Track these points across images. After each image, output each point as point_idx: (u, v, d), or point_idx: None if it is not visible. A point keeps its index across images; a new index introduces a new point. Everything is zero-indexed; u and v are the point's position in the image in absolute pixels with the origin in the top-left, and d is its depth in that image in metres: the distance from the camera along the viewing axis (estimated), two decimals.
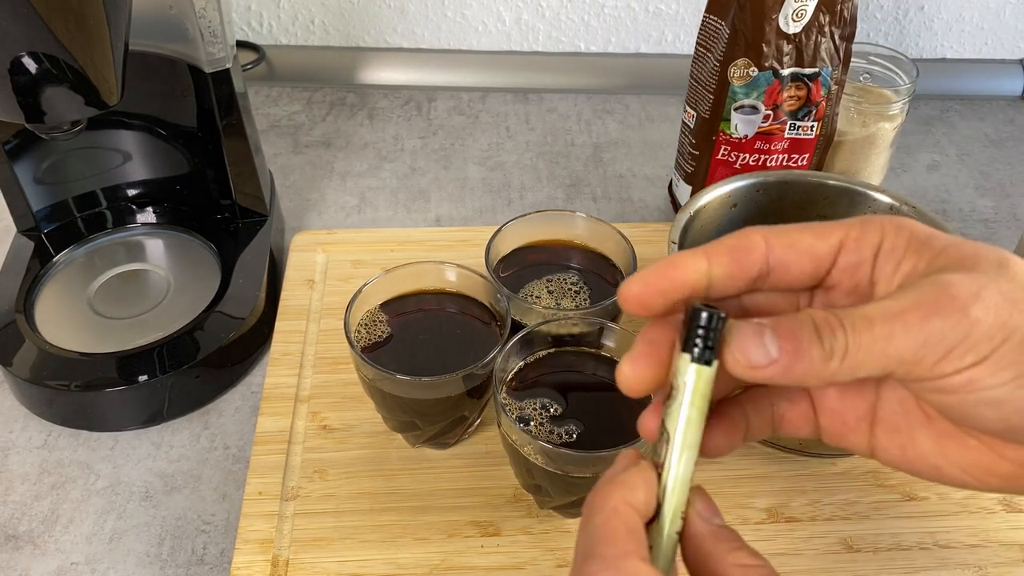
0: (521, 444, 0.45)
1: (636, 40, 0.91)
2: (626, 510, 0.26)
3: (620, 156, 0.82)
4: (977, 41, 0.92)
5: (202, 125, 0.62)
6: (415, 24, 0.90)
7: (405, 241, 0.68)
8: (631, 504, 0.26)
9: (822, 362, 0.25)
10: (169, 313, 0.60)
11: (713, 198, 0.58)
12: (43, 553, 0.50)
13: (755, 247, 0.27)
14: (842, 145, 0.67)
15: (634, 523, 0.26)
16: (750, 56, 0.60)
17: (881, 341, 0.25)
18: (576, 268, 0.57)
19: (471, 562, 0.48)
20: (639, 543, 0.26)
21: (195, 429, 0.57)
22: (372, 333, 0.51)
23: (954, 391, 0.25)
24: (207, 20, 0.55)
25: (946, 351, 0.25)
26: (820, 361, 0.25)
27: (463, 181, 0.78)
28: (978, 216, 0.76)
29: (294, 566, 0.47)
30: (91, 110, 0.49)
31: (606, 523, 0.26)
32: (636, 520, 0.26)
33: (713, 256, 0.27)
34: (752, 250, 0.27)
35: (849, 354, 0.25)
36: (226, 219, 0.66)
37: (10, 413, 0.57)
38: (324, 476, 0.52)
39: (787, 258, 0.27)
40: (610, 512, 0.26)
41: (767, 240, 0.28)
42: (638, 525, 0.26)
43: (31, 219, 0.64)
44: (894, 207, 0.58)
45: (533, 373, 0.49)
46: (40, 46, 0.45)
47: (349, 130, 0.84)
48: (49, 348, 0.56)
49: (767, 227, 0.28)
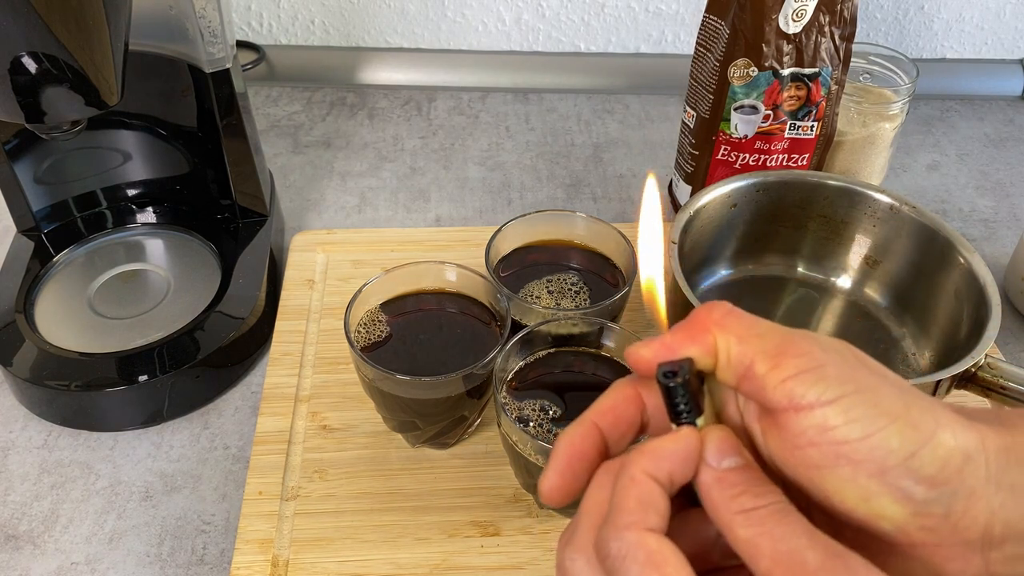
0: (521, 444, 0.45)
1: (636, 40, 0.91)
2: (643, 480, 0.26)
3: (620, 156, 0.82)
4: (977, 41, 0.92)
5: (202, 125, 0.62)
6: (415, 24, 0.90)
7: (405, 241, 0.68)
8: (652, 475, 0.26)
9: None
10: (169, 313, 0.60)
11: (713, 198, 0.58)
12: (43, 553, 0.50)
13: (631, 400, 0.29)
14: (842, 145, 0.67)
15: (648, 494, 0.25)
16: (750, 56, 0.60)
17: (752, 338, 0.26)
18: (576, 268, 0.57)
19: (471, 562, 0.48)
20: (647, 514, 0.25)
21: (195, 429, 0.57)
22: (372, 333, 0.51)
23: (813, 440, 0.25)
24: (207, 20, 0.55)
25: (797, 369, 0.25)
26: None
27: (463, 181, 0.78)
28: (978, 216, 0.76)
29: (294, 566, 0.47)
30: (91, 110, 0.49)
31: (622, 490, 0.26)
32: (652, 491, 0.26)
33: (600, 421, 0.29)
34: (630, 403, 0.29)
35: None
36: (226, 219, 0.66)
37: (10, 413, 0.57)
38: (324, 476, 0.52)
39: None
40: (627, 480, 0.26)
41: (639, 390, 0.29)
42: (653, 496, 0.25)
43: (31, 219, 0.64)
44: (894, 207, 0.58)
45: (533, 373, 0.49)
46: (40, 46, 0.45)
47: (349, 130, 0.84)
48: (49, 348, 0.56)
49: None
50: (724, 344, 0.27)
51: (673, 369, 0.26)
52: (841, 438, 0.25)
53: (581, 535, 0.27)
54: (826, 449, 0.25)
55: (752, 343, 0.26)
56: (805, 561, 0.23)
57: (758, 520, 0.25)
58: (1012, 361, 0.59)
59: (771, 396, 0.26)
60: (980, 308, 0.51)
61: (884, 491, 0.25)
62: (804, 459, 0.26)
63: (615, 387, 0.29)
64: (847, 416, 0.25)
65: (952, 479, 0.25)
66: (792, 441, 0.26)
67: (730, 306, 0.28)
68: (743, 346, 0.26)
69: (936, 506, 0.25)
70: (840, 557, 0.23)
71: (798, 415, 0.25)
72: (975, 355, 0.48)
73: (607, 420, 0.29)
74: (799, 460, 0.26)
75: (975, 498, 0.25)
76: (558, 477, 0.28)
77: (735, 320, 0.27)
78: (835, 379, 0.25)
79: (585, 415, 0.29)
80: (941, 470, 0.25)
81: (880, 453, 0.24)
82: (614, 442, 0.29)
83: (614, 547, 0.25)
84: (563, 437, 0.28)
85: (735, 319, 0.27)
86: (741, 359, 0.26)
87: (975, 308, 0.52)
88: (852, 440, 0.25)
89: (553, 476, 0.28)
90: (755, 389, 0.26)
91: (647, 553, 0.24)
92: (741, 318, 0.27)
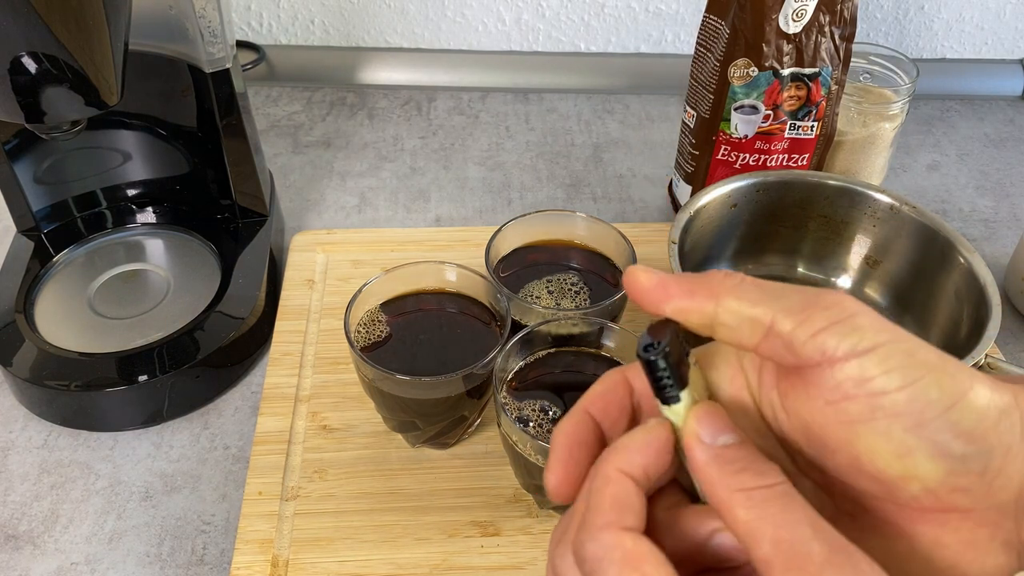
0: (521, 444, 0.45)
1: (636, 40, 0.91)
2: (618, 477, 0.25)
3: (620, 156, 0.82)
4: (977, 41, 0.92)
5: (202, 125, 0.62)
6: (415, 24, 0.90)
7: (405, 241, 0.68)
8: (625, 471, 0.25)
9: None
10: (169, 313, 0.60)
11: (713, 198, 0.58)
12: (43, 553, 0.50)
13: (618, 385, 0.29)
14: (842, 145, 0.67)
15: (623, 492, 0.25)
16: (750, 56, 0.60)
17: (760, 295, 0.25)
18: (576, 268, 0.57)
19: (471, 562, 0.48)
20: (623, 513, 0.24)
21: (195, 429, 0.57)
22: (372, 333, 0.51)
23: (849, 393, 0.24)
24: (207, 20, 0.55)
25: (828, 321, 0.24)
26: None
27: (463, 181, 0.78)
28: (978, 216, 0.76)
29: (294, 566, 0.47)
30: (91, 110, 0.49)
31: (597, 491, 0.25)
32: (627, 490, 0.25)
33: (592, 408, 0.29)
34: (618, 387, 0.29)
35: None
36: (226, 219, 0.66)
37: (10, 413, 0.57)
38: (324, 476, 0.52)
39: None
40: (601, 480, 0.25)
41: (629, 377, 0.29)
42: (628, 493, 0.25)
43: (31, 219, 0.64)
44: (894, 207, 0.58)
45: (533, 373, 0.49)
46: (40, 46, 0.45)
47: (349, 130, 0.84)
48: (49, 348, 0.56)
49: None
50: (737, 307, 0.25)
51: (652, 343, 0.25)
52: (879, 388, 0.24)
53: (571, 533, 0.26)
54: (863, 401, 0.24)
55: (769, 304, 0.25)
56: (810, 552, 0.22)
57: (760, 501, 0.24)
58: (1012, 361, 0.59)
59: (801, 351, 0.24)
60: (980, 308, 0.51)
61: (921, 446, 0.24)
62: (838, 415, 0.24)
63: (604, 376, 0.29)
64: (885, 366, 0.24)
65: (989, 434, 0.24)
66: (825, 397, 0.25)
67: (745, 276, 0.27)
68: (760, 307, 0.25)
69: (974, 462, 0.24)
70: (845, 552, 0.23)
71: (832, 368, 0.24)
72: (975, 355, 0.48)
73: (598, 407, 0.28)
74: (831, 417, 0.25)
75: (1011, 456, 0.24)
76: (561, 468, 0.27)
77: (750, 286, 0.26)
78: (870, 328, 0.24)
79: (576, 405, 0.29)
80: (979, 423, 0.24)
81: (919, 405, 0.23)
82: (607, 428, 0.28)
83: (590, 549, 0.24)
84: (558, 429, 0.28)
85: (750, 285, 0.26)
86: (760, 319, 0.25)
87: (975, 308, 0.52)
88: (890, 390, 0.23)
89: (556, 468, 0.28)
90: (779, 347, 0.25)
91: (623, 553, 0.24)
92: (757, 283, 0.26)
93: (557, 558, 0.26)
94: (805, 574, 0.22)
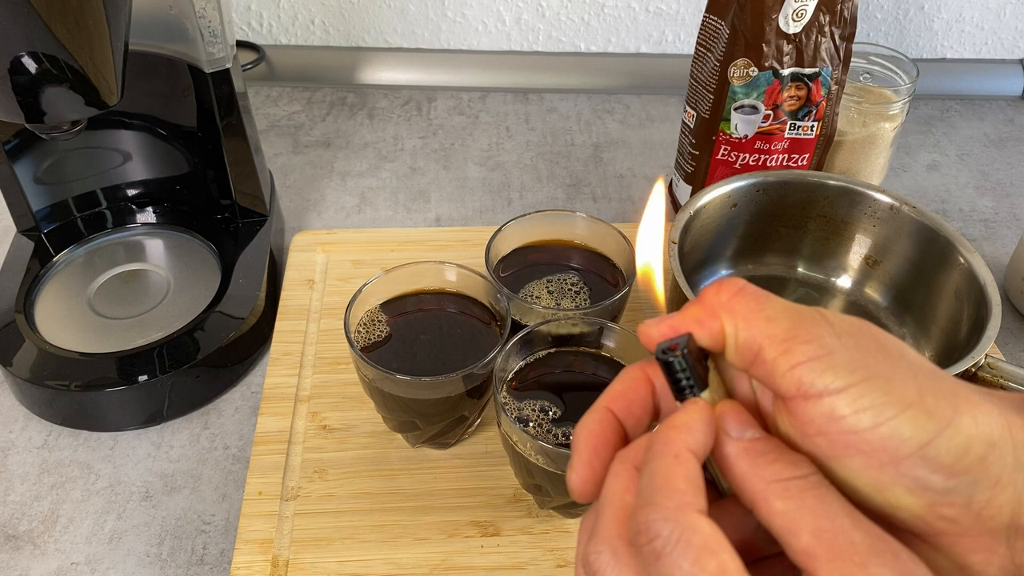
0: (521, 444, 0.45)
1: (636, 40, 0.91)
2: (688, 458, 0.24)
3: (620, 156, 0.82)
4: (977, 41, 0.92)
5: (202, 125, 0.62)
6: (415, 24, 0.90)
7: (405, 241, 0.68)
8: (693, 451, 0.25)
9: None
10: (169, 313, 0.60)
11: (713, 198, 0.58)
12: (43, 553, 0.50)
13: (640, 381, 0.28)
14: (842, 145, 0.67)
15: (695, 473, 0.24)
16: (750, 56, 0.60)
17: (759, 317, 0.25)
18: (576, 268, 0.57)
19: (471, 562, 0.48)
20: (698, 495, 0.24)
21: (195, 429, 0.57)
22: (372, 333, 0.51)
23: (822, 429, 0.24)
24: (207, 20, 0.55)
25: (806, 356, 0.24)
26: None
27: (463, 181, 0.78)
28: (978, 216, 0.76)
29: (294, 566, 0.47)
30: (91, 110, 0.49)
31: (666, 470, 0.24)
32: (696, 470, 0.24)
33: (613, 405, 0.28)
34: (640, 385, 0.28)
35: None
36: (226, 219, 0.66)
37: (10, 413, 0.57)
38: (324, 476, 0.52)
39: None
40: (671, 459, 0.24)
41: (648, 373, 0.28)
42: (698, 475, 0.24)
43: (31, 219, 0.64)
44: (894, 207, 0.58)
45: (533, 373, 0.49)
46: (40, 46, 0.45)
47: (349, 130, 0.84)
48: (49, 348, 0.56)
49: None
50: (732, 328, 0.26)
51: (671, 344, 0.25)
52: (850, 428, 0.24)
53: (605, 527, 0.25)
54: (835, 439, 0.24)
55: (760, 327, 0.25)
56: (853, 542, 0.22)
57: (797, 491, 0.23)
58: (1012, 361, 0.59)
59: (780, 383, 0.25)
60: (980, 308, 0.51)
61: (897, 482, 0.24)
62: (814, 448, 0.25)
63: (624, 372, 0.29)
64: (856, 406, 0.24)
65: (973, 467, 0.23)
66: (802, 429, 0.25)
67: (741, 284, 0.26)
68: (751, 331, 0.25)
69: (956, 496, 0.24)
70: (886, 541, 0.22)
71: (807, 403, 0.24)
72: (975, 355, 0.48)
73: (620, 405, 0.28)
74: (809, 449, 0.25)
75: (1000, 487, 0.24)
76: (586, 468, 0.27)
77: (743, 302, 0.26)
78: (844, 367, 0.24)
79: (598, 403, 0.28)
80: (960, 458, 0.23)
81: (892, 443, 0.23)
82: (631, 427, 0.28)
83: (665, 529, 0.23)
84: (581, 427, 0.27)
85: (743, 300, 0.26)
86: (750, 344, 0.25)
87: (975, 308, 0.52)
88: (861, 430, 0.24)
89: (580, 468, 0.27)
90: (765, 375, 0.25)
91: (703, 537, 0.23)
92: (750, 299, 0.26)
93: (592, 554, 0.25)
94: (850, 563, 0.22)
